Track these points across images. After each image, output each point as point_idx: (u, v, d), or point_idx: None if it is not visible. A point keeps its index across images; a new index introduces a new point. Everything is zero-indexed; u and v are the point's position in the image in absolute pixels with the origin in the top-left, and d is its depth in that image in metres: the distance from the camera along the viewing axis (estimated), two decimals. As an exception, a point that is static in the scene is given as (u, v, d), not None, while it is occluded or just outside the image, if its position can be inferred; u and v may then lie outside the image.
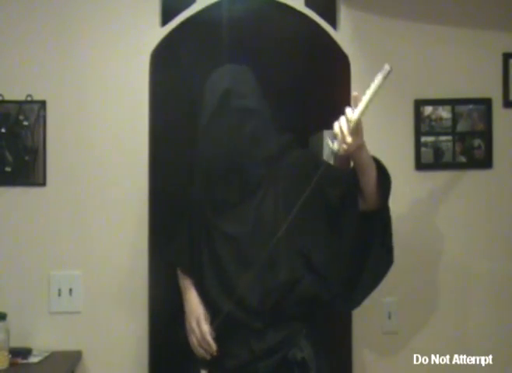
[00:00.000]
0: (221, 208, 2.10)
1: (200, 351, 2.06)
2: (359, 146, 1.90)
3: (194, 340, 2.07)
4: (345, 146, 1.86)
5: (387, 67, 1.85)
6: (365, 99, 1.85)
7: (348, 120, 1.86)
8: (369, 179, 1.99)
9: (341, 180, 2.05)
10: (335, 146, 1.89)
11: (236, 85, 2.06)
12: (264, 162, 2.09)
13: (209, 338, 2.03)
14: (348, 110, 1.87)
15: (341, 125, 1.87)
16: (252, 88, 2.10)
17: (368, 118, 2.50)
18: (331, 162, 2.07)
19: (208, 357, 2.05)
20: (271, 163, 2.10)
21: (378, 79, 1.85)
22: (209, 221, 2.11)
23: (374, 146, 2.50)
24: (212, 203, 2.12)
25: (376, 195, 2.00)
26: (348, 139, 1.85)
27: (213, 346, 2.03)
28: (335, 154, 1.93)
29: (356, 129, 1.86)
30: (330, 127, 1.94)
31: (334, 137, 1.90)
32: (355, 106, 1.87)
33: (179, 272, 2.23)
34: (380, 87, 1.84)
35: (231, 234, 2.06)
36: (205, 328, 2.05)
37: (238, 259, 2.03)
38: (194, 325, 2.08)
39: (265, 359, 2.00)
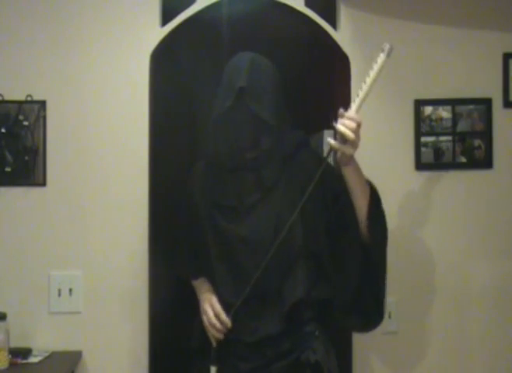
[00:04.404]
0: (233, 213, 2.02)
1: (213, 331, 1.99)
2: (350, 156, 1.87)
3: (206, 320, 2.02)
4: (348, 147, 1.83)
5: (387, 45, 1.86)
6: (367, 83, 1.86)
7: (350, 118, 1.84)
8: (360, 207, 1.94)
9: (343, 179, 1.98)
10: (336, 144, 1.85)
11: (253, 84, 1.94)
12: (281, 161, 2.03)
13: (223, 315, 1.98)
14: (348, 111, 1.86)
15: (345, 123, 1.83)
16: (269, 87, 1.99)
17: (368, 118, 2.51)
18: (331, 161, 2.03)
19: (222, 337, 1.99)
20: (287, 162, 2.04)
21: (381, 59, 1.86)
22: (219, 226, 2.03)
23: (374, 146, 2.52)
24: (222, 208, 2.03)
25: (366, 230, 1.94)
26: (352, 136, 1.82)
27: (227, 322, 1.97)
28: (335, 153, 1.90)
29: (358, 129, 1.84)
30: (330, 126, 1.93)
31: (335, 136, 1.87)
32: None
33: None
34: (381, 69, 1.86)
35: (248, 238, 1.99)
36: (218, 307, 2.00)
37: (256, 263, 1.95)
38: (207, 306, 2.03)
39: (278, 361, 1.97)
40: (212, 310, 2.02)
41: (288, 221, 1.93)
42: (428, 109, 2.52)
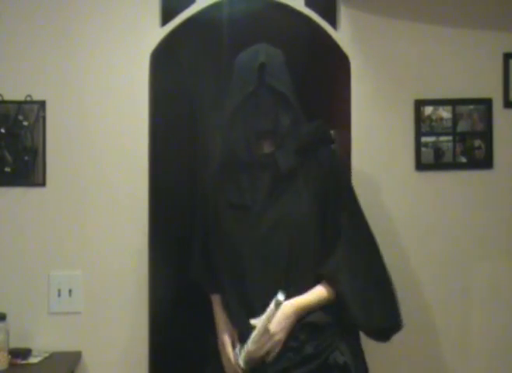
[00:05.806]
0: (247, 213, 1.98)
1: (230, 370, 2.00)
2: (279, 340, 1.90)
3: (222, 360, 2.02)
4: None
5: (280, 297, 1.87)
6: (258, 327, 1.89)
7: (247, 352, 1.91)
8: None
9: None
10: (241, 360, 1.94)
11: (271, 62, 1.98)
12: (296, 154, 1.99)
13: (234, 361, 1.96)
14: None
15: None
16: (284, 68, 2.03)
17: (368, 118, 2.52)
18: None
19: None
20: (303, 155, 2.01)
21: (271, 309, 1.87)
22: (230, 228, 2.00)
23: (374, 146, 2.52)
24: (236, 208, 2.00)
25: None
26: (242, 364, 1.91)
27: (241, 366, 1.95)
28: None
29: (260, 341, 1.88)
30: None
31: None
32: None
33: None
34: (272, 316, 1.88)
35: (261, 243, 1.95)
36: (229, 351, 1.99)
37: (269, 271, 1.95)
38: (220, 347, 2.04)
39: (304, 365, 1.92)
40: (225, 355, 2.01)
41: (302, 222, 1.94)
42: (428, 110, 2.52)
